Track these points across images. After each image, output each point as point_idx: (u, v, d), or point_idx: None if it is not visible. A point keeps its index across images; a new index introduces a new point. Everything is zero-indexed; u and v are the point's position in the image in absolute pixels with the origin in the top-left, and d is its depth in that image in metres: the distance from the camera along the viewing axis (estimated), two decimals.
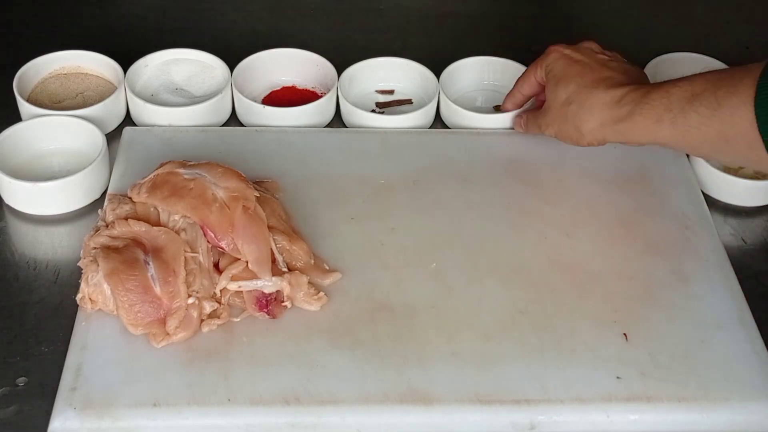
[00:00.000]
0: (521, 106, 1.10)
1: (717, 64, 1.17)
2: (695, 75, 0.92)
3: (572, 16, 1.37)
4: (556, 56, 1.03)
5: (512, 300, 0.93)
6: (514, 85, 1.09)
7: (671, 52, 1.20)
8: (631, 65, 1.03)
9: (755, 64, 0.86)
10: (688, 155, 1.09)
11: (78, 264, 0.93)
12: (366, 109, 1.12)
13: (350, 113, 1.12)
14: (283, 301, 0.91)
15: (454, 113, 1.12)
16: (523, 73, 1.08)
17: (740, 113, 0.85)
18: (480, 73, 1.18)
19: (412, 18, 1.33)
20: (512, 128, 1.11)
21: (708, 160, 1.06)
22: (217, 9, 1.33)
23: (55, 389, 0.85)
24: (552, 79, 1.02)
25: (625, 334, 0.90)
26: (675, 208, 1.03)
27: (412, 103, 1.16)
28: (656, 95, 0.93)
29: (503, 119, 1.11)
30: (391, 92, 1.18)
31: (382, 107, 1.16)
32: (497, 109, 1.15)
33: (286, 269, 0.93)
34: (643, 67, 1.16)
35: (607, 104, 0.96)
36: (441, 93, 1.13)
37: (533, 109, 1.10)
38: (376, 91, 1.18)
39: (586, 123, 0.98)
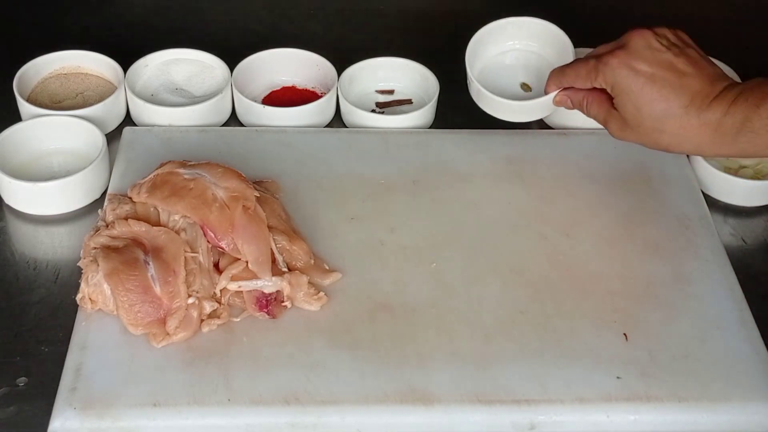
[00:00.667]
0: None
1: (717, 64, 1.17)
2: None
3: (572, 17, 1.36)
4: (624, 73, 0.95)
5: (512, 300, 0.93)
6: (565, 73, 1.01)
7: None
8: (689, 47, 0.97)
9: None
10: (687, 155, 1.09)
11: (78, 264, 0.93)
12: (366, 109, 1.12)
13: (350, 113, 1.12)
14: (283, 301, 0.91)
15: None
16: (577, 69, 1.00)
17: None
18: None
19: (412, 18, 1.32)
20: (514, 127, 1.11)
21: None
22: (217, 9, 1.33)
23: (55, 389, 0.85)
24: (628, 102, 0.95)
25: (625, 334, 0.90)
26: (675, 208, 1.03)
27: (412, 103, 1.16)
28: (759, 123, 0.89)
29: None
30: (391, 92, 1.18)
31: (382, 107, 1.16)
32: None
33: (286, 269, 0.93)
34: None
35: (705, 132, 0.92)
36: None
37: (595, 93, 1.00)
38: (376, 91, 1.18)
39: (683, 147, 0.95)
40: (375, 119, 1.11)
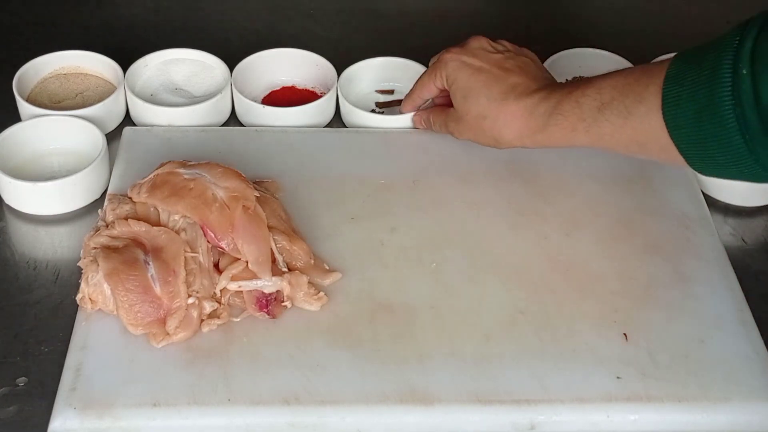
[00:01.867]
0: (419, 108, 1.11)
1: None
2: (602, 79, 0.92)
3: (572, 16, 1.37)
4: (455, 65, 1.02)
5: (512, 300, 0.93)
6: (413, 89, 1.09)
7: (671, 52, 1.19)
8: (522, 56, 1.04)
9: (657, 66, 0.88)
10: None
11: (78, 264, 0.93)
12: (366, 109, 1.12)
13: (350, 113, 1.12)
14: (283, 301, 0.91)
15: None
16: (420, 78, 1.08)
17: (649, 121, 0.87)
18: None
19: (412, 18, 1.32)
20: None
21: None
22: (217, 9, 1.33)
23: (55, 389, 0.85)
24: (458, 91, 1.02)
25: (625, 334, 0.90)
26: (675, 208, 1.03)
27: None
28: (567, 105, 0.94)
29: None
30: (391, 92, 1.17)
31: (382, 107, 1.16)
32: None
33: (286, 269, 0.93)
34: None
35: (521, 116, 0.97)
36: None
37: (436, 107, 1.09)
38: (376, 91, 1.17)
39: (504, 135, 1.00)
40: (375, 119, 1.11)
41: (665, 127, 0.86)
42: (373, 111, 1.14)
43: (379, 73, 1.18)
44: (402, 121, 1.11)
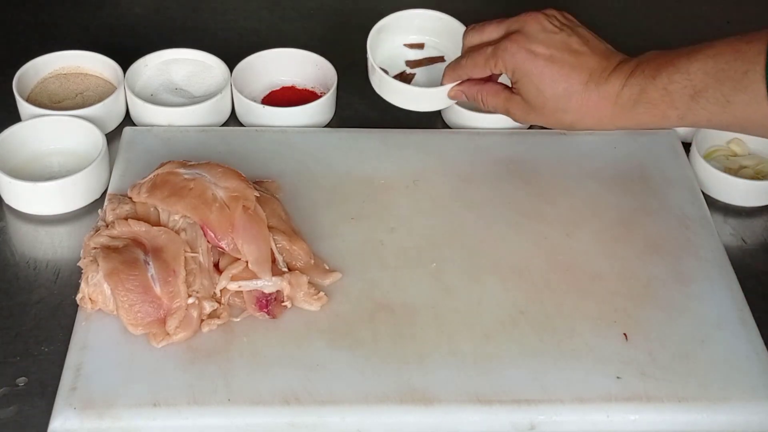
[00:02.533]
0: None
1: None
2: (687, 61, 0.90)
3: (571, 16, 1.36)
4: (523, 57, 0.98)
5: (512, 300, 0.93)
6: (462, 65, 1.03)
7: None
8: (579, 27, 1.01)
9: (750, 45, 0.85)
10: (687, 154, 1.09)
11: (78, 264, 0.93)
12: (397, 69, 1.12)
13: (383, 83, 1.09)
14: (283, 301, 0.91)
15: (455, 113, 1.12)
16: (473, 58, 1.02)
17: (754, 110, 0.86)
18: None
19: None
20: (514, 128, 1.11)
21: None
22: (217, 9, 1.33)
23: (55, 389, 0.85)
24: (530, 83, 0.99)
25: (625, 334, 0.90)
26: (675, 208, 1.03)
27: (444, 60, 1.14)
28: (655, 93, 0.92)
29: (504, 119, 1.11)
30: (421, 46, 1.15)
31: (413, 67, 1.14)
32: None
33: (286, 269, 0.93)
34: None
35: (605, 106, 0.96)
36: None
37: (489, 84, 1.05)
38: (405, 45, 1.15)
39: (585, 123, 0.99)
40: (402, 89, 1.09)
41: None
42: (402, 74, 1.12)
43: (411, 24, 1.14)
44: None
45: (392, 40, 1.14)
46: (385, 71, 1.10)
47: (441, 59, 1.14)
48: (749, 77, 0.85)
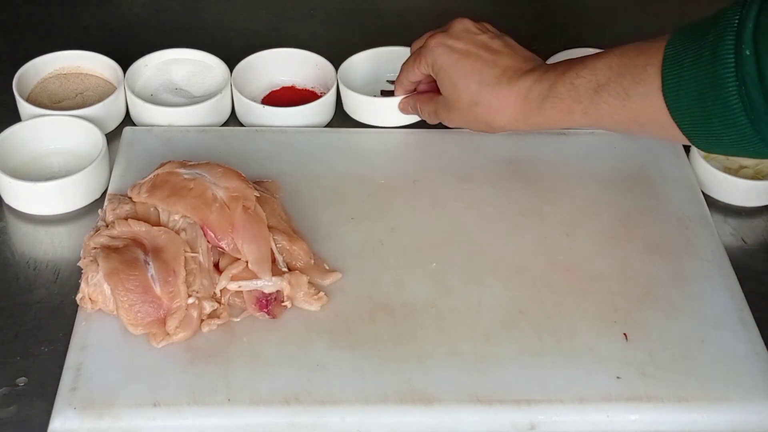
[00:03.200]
0: (412, 91, 1.09)
1: None
2: (596, 59, 0.92)
3: (572, 16, 1.37)
4: (441, 51, 1.00)
5: (512, 300, 0.93)
6: (401, 73, 1.07)
7: None
8: (507, 38, 1.02)
9: (652, 45, 0.87)
10: (687, 155, 1.09)
11: (78, 264, 0.93)
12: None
13: (353, 103, 1.12)
14: (283, 301, 0.91)
15: None
16: (405, 63, 1.06)
17: (650, 102, 0.86)
18: None
19: (412, 18, 1.32)
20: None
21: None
22: (217, 9, 1.33)
23: (55, 389, 0.85)
24: (446, 78, 1.00)
25: (625, 334, 0.90)
26: (675, 208, 1.03)
27: None
28: (562, 87, 0.93)
29: None
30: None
31: (384, 95, 1.15)
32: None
33: (286, 269, 0.93)
34: None
35: (515, 100, 0.96)
36: None
37: (422, 94, 1.08)
38: (387, 81, 1.17)
39: (497, 120, 0.98)
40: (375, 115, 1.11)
41: (666, 107, 0.85)
42: (383, 92, 1.14)
43: (386, 64, 1.17)
44: (402, 119, 1.11)
45: (373, 72, 1.18)
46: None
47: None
48: (648, 71, 0.86)
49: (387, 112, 1.11)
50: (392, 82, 1.16)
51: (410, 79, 1.07)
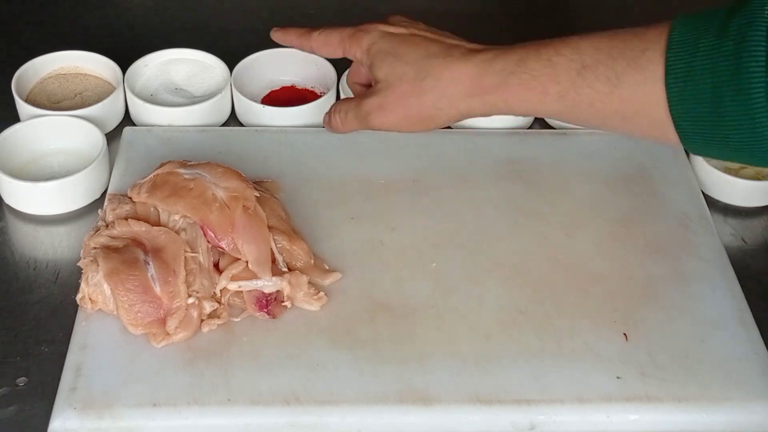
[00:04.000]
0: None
1: None
2: (578, 40, 0.81)
3: (572, 16, 1.37)
4: (379, 34, 0.90)
5: (512, 300, 0.93)
6: (311, 37, 0.96)
7: None
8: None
9: (650, 30, 0.78)
10: (687, 155, 1.09)
11: (78, 264, 0.93)
12: None
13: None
14: (283, 301, 0.91)
15: None
16: (326, 33, 0.96)
17: (645, 92, 0.77)
18: None
19: (411, 18, 1.32)
20: (513, 128, 1.11)
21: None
22: (217, 9, 1.33)
23: (55, 389, 0.85)
24: (384, 57, 0.88)
25: (625, 334, 0.90)
26: (675, 208, 1.03)
27: None
28: (536, 64, 0.81)
29: (504, 119, 1.11)
30: None
31: None
32: None
33: (286, 269, 0.93)
34: None
35: (471, 72, 0.84)
36: None
37: (343, 100, 0.98)
38: None
39: (448, 96, 0.85)
40: None
41: (666, 99, 0.76)
42: None
43: None
44: None
45: None
46: None
47: None
48: (647, 56, 0.76)
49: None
50: None
51: (323, 51, 0.96)
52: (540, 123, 1.15)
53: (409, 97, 0.87)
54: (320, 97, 1.13)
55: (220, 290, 0.91)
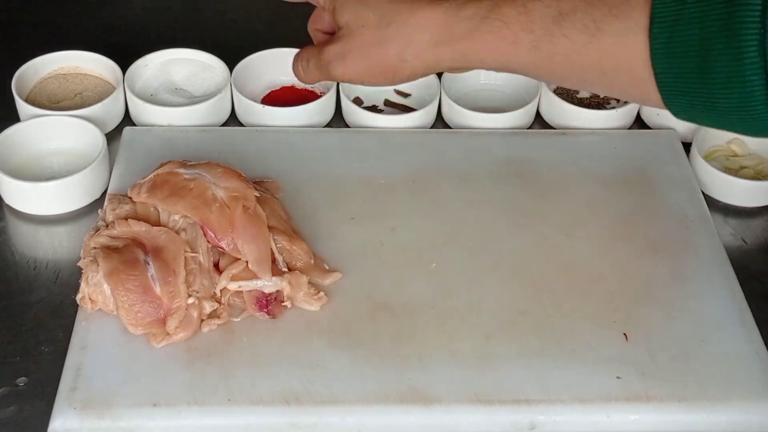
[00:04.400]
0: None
1: None
2: None
3: None
4: None
5: (512, 300, 0.93)
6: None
7: None
8: None
9: None
10: (687, 154, 1.09)
11: (78, 264, 0.93)
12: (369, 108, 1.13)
13: (351, 113, 1.12)
14: (283, 301, 0.91)
15: (455, 113, 1.12)
16: None
17: (626, 42, 0.70)
18: (481, 72, 1.18)
19: None
20: (513, 128, 1.12)
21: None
22: (217, 9, 1.33)
23: (55, 389, 0.85)
24: (346, 1, 0.81)
25: (625, 334, 0.90)
26: (675, 208, 1.03)
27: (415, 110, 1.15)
28: (510, 10, 0.74)
29: (504, 119, 1.11)
30: (407, 95, 1.17)
31: (387, 105, 1.15)
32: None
33: (286, 269, 0.93)
34: None
35: (441, 19, 0.77)
36: (442, 93, 1.13)
37: (307, 47, 0.89)
38: (395, 90, 1.17)
39: (413, 45, 0.78)
40: (376, 119, 1.11)
41: (648, 51, 0.69)
42: (374, 107, 1.14)
43: None
44: (402, 121, 1.11)
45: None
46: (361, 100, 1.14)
47: (411, 109, 1.14)
48: (630, 3, 0.69)
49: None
50: (399, 92, 1.17)
51: None
52: (540, 123, 1.15)
53: (372, 46, 0.80)
54: (320, 97, 1.13)
55: (220, 290, 0.91)
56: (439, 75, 1.14)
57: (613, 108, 1.14)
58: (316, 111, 1.12)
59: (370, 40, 0.80)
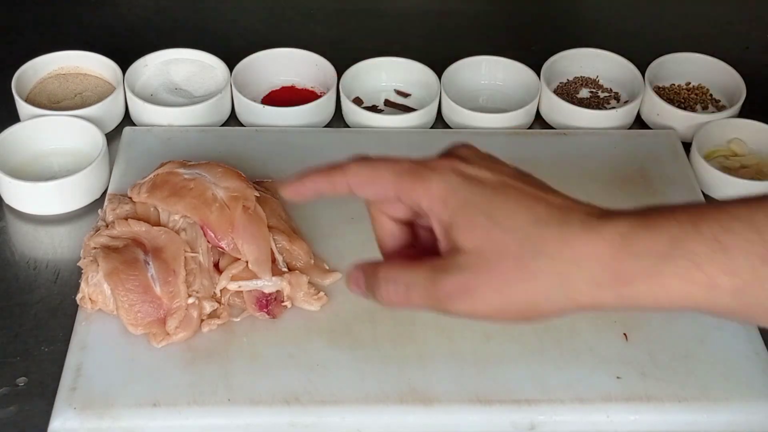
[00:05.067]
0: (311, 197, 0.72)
1: (717, 64, 1.17)
2: (748, 210, 0.59)
3: (572, 16, 1.37)
4: (454, 177, 0.64)
5: None
6: (348, 171, 0.72)
7: (671, 52, 1.19)
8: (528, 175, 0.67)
9: None
10: (687, 154, 1.09)
11: (78, 264, 0.93)
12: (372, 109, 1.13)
13: (351, 113, 1.12)
14: (283, 301, 0.91)
15: (455, 113, 1.12)
16: (379, 167, 0.71)
17: None
18: (481, 72, 1.18)
19: (412, 18, 1.32)
20: (514, 128, 1.11)
21: None
22: (217, 9, 1.33)
23: (55, 389, 0.85)
24: (473, 217, 0.62)
25: (625, 334, 0.90)
26: None
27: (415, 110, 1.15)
28: (699, 246, 0.58)
29: (504, 119, 1.11)
30: (407, 95, 1.17)
31: (387, 105, 1.15)
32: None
33: (286, 269, 0.93)
34: (644, 68, 1.16)
35: (607, 254, 0.60)
36: (442, 93, 1.13)
37: (383, 264, 0.70)
38: (395, 90, 1.17)
39: (567, 285, 0.60)
40: (375, 119, 1.11)
41: None
42: (374, 107, 1.14)
43: (381, 73, 1.17)
44: (402, 121, 1.11)
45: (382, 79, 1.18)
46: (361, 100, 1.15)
47: (411, 109, 1.14)
48: None
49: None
50: (399, 92, 1.17)
51: (370, 192, 0.72)
52: (540, 123, 1.15)
53: (512, 283, 0.61)
54: (320, 97, 1.13)
55: (220, 290, 0.91)
56: (439, 75, 1.14)
57: (613, 108, 1.14)
58: (316, 111, 1.12)
59: (509, 275, 0.61)
